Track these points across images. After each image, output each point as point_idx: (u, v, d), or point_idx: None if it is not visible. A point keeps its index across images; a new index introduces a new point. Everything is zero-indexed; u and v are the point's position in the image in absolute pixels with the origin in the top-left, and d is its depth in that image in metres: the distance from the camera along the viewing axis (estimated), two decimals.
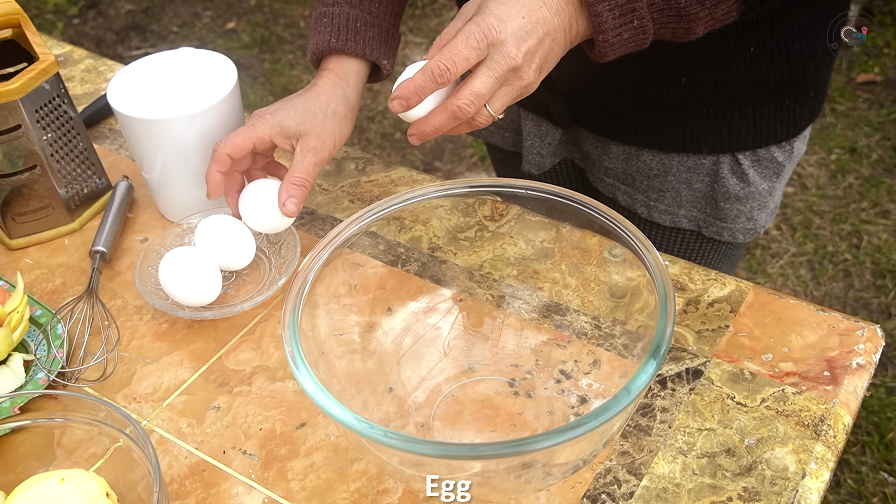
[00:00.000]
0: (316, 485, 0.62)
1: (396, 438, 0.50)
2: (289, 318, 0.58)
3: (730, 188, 0.85)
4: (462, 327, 0.71)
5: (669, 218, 0.90)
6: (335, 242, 0.63)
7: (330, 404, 0.52)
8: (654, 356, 0.52)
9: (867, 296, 1.75)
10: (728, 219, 0.88)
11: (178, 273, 0.72)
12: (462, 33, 0.62)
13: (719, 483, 0.59)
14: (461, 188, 0.67)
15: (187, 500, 0.61)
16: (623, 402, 0.49)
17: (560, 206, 0.65)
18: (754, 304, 0.71)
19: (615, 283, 0.67)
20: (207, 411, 0.67)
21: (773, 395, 0.64)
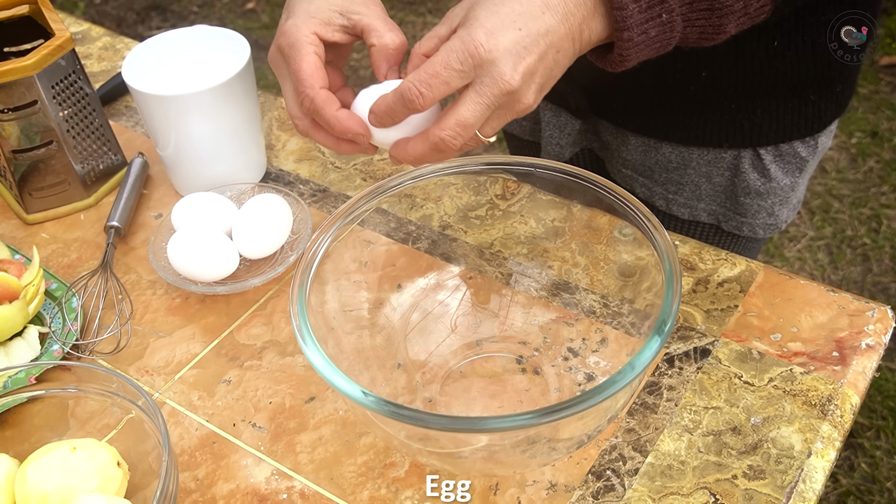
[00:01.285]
0: (324, 458, 0.62)
1: (402, 412, 0.50)
2: (297, 294, 0.58)
3: (750, 183, 0.84)
4: (470, 304, 0.71)
5: (688, 211, 0.89)
6: (345, 218, 0.64)
7: (336, 378, 0.52)
8: (659, 333, 0.52)
9: (885, 280, 1.73)
10: (748, 214, 0.87)
11: (191, 250, 0.72)
12: (443, 50, 0.52)
13: (724, 461, 0.60)
14: (473, 166, 0.67)
15: (197, 472, 0.62)
16: (627, 378, 0.50)
17: (570, 185, 0.65)
18: (764, 284, 0.71)
19: (624, 262, 0.67)
20: (218, 385, 0.68)
21: (781, 374, 0.64)
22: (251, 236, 0.74)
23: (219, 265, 0.73)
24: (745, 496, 0.57)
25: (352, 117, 0.54)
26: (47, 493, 0.55)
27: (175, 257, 0.72)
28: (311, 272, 0.61)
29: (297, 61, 0.54)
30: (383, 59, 0.57)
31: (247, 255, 0.75)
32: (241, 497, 0.60)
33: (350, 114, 0.54)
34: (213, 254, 0.72)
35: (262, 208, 0.75)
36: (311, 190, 0.85)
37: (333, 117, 0.54)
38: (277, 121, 0.94)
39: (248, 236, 0.74)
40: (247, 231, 0.74)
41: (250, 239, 0.74)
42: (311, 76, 0.54)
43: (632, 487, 0.59)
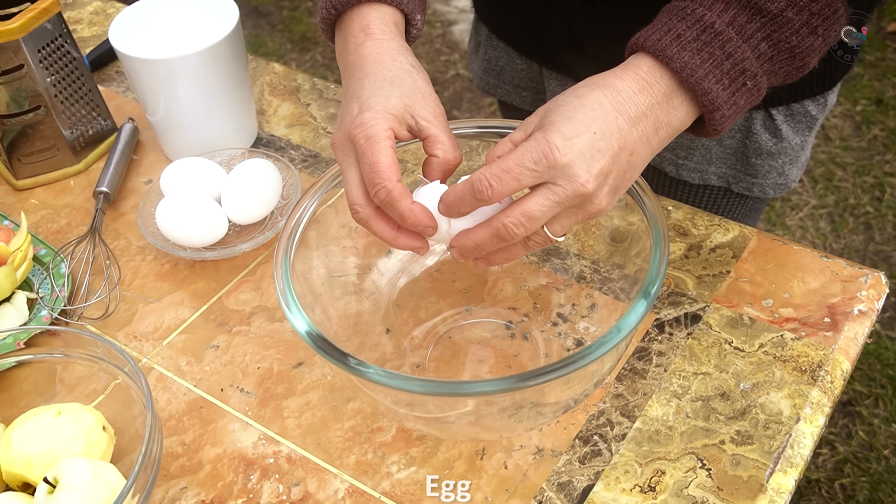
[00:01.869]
0: (311, 423, 0.62)
1: (385, 376, 0.50)
2: (281, 260, 0.58)
3: (762, 144, 0.83)
4: (460, 269, 0.71)
5: (699, 175, 0.88)
6: (330, 183, 0.63)
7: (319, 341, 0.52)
8: (645, 296, 0.52)
9: (888, 249, 1.72)
10: (759, 174, 0.86)
11: (180, 215, 0.72)
12: (519, 150, 0.51)
13: (712, 426, 0.59)
14: (465, 128, 0.66)
15: (185, 436, 0.62)
16: (612, 341, 0.49)
17: None
18: (757, 249, 0.70)
19: (616, 227, 0.66)
20: (206, 350, 0.68)
21: (772, 340, 0.64)
22: (240, 202, 0.74)
23: (207, 231, 0.72)
24: (732, 461, 0.57)
25: (424, 210, 0.55)
26: (31, 456, 0.55)
27: (164, 222, 0.72)
28: (296, 238, 0.60)
29: (376, 154, 0.54)
30: (441, 171, 0.57)
31: (236, 221, 0.75)
32: (228, 461, 0.60)
33: (423, 207, 0.55)
34: (202, 219, 0.72)
35: (252, 174, 0.75)
36: (302, 155, 0.84)
37: (409, 210, 0.54)
38: (269, 86, 0.94)
39: (237, 202, 0.74)
40: (236, 196, 0.74)
41: (239, 204, 0.74)
42: (389, 169, 0.54)
43: (619, 452, 0.58)
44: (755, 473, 0.56)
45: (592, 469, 0.58)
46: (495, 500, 0.57)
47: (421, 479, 0.58)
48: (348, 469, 0.59)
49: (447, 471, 0.59)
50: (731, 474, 0.57)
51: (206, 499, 0.59)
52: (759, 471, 0.57)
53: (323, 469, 0.59)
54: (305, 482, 0.59)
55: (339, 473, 0.59)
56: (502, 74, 0.98)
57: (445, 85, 2.33)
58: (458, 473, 0.58)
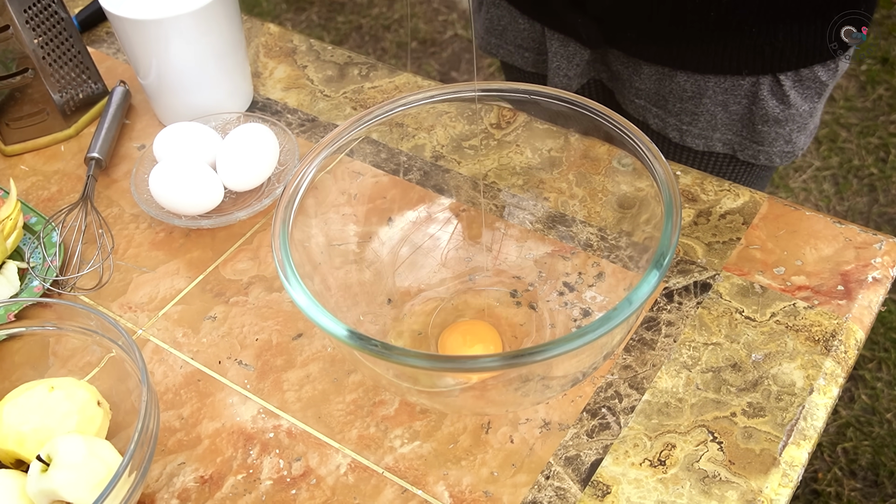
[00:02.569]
0: (311, 396, 0.61)
1: (385, 350, 0.48)
2: (279, 229, 0.56)
3: (769, 110, 0.81)
4: (462, 237, 0.69)
5: (703, 142, 0.86)
6: (330, 148, 0.61)
7: (320, 316, 0.50)
8: (657, 266, 0.50)
9: (892, 211, 1.70)
10: (765, 142, 0.84)
11: (173, 182, 0.70)
12: None
13: (723, 398, 0.58)
14: (467, 92, 0.64)
15: (182, 410, 0.61)
16: (624, 313, 0.47)
17: (568, 113, 0.62)
18: (768, 215, 0.68)
19: (623, 193, 0.64)
20: (203, 321, 0.66)
21: (784, 309, 0.62)
22: (236, 168, 0.72)
23: (202, 198, 0.70)
24: (744, 434, 0.56)
25: None
26: (24, 433, 0.53)
27: (157, 189, 0.70)
28: (295, 205, 0.58)
29: None
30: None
31: (231, 188, 0.73)
32: (227, 436, 0.59)
33: None
34: (197, 186, 0.70)
35: (248, 139, 0.72)
36: (299, 119, 0.82)
37: None
38: (264, 47, 0.91)
39: (233, 168, 0.72)
40: (231, 162, 0.72)
41: (235, 171, 0.72)
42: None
43: (627, 426, 0.57)
44: (767, 446, 0.55)
45: (601, 443, 0.56)
46: (501, 475, 0.55)
47: (425, 453, 0.57)
48: (350, 443, 0.58)
49: (451, 445, 0.57)
50: (743, 447, 0.55)
51: (205, 474, 0.57)
52: (772, 444, 0.55)
53: (324, 443, 0.58)
54: (307, 457, 0.57)
55: (341, 448, 0.58)
56: (504, 34, 0.95)
57: (444, 46, 2.30)
58: (462, 448, 0.57)
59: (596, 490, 0.54)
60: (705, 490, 0.54)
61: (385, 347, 0.48)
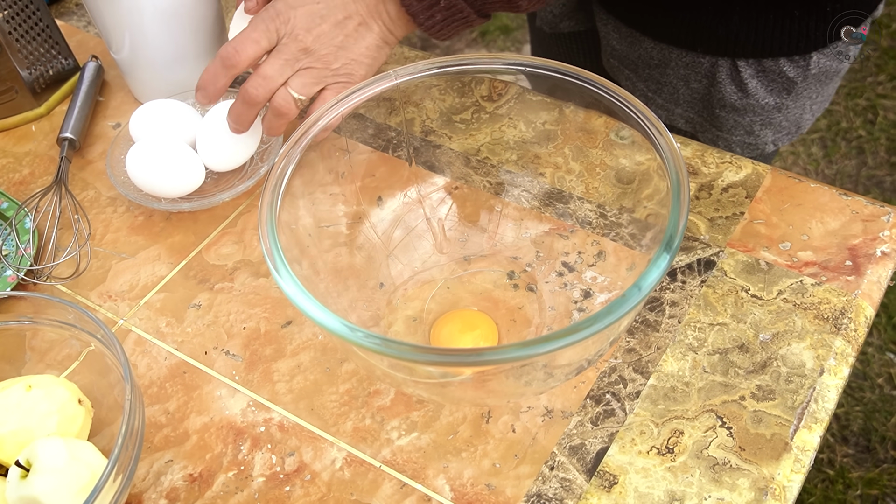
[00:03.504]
0: (303, 386, 0.58)
1: (381, 344, 0.45)
2: (266, 213, 0.53)
3: (726, 96, 0.78)
4: (456, 217, 0.66)
5: (665, 115, 0.84)
6: (317, 127, 0.58)
7: (310, 306, 0.47)
8: (667, 249, 0.47)
9: (880, 173, 1.69)
10: (724, 128, 0.81)
11: (151, 163, 0.66)
12: (254, 19, 0.62)
13: (731, 381, 0.56)
14: (455, 65, 0.61)
15: (168, 404, 0.58)
16: (633, 300, 0.45)
17: (564, 85, 0.59)
18: (772, 188, 0.66)
19: (622, 167, 0.62)
20: (187, 309, 0.63)
21: (791, 286, 0.60)
22: (217, 147, 0.68)
23: (182, 180, 0.67)
24: (754, 418, 0.54)
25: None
26: (2, 436, 0.51)
27: (134, 172, 0.66)
28: (282, 187, 0.55)
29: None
30: None
31: (213, 168, 0.69)
32: (216, 431, 0.56)
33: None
34: (176, 167, 0.67)
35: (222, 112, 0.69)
36: None
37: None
38: None
39: (214, 147, 0.68)
40: (212, 142, 0.68)
41: (216, 150, 0.68)
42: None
43: (633, 412, 0.55)
44: (778, 431, 0.53)
45: (606, 431, 0.54)
46: (504, 467, 0.53)
47: (424, 445, 0.55)
48: (345, 436, 0.55)
49: (451, 436, 0.55)
50: (754, 433, 0.53)
51: (194, 472, 0.55)
52: (783, 428, 0.53)
53: (318, 437, 0.56)
54: (300, 451, 0.55)
55: (336, 441, 0.55)
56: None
57: None
58: (462, 438, 0.55)
59: (602, 480, 0.52)
60: (715, 478, 0.52)
61: (386, 343, 0.45)
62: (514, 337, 0.59)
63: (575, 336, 0.44)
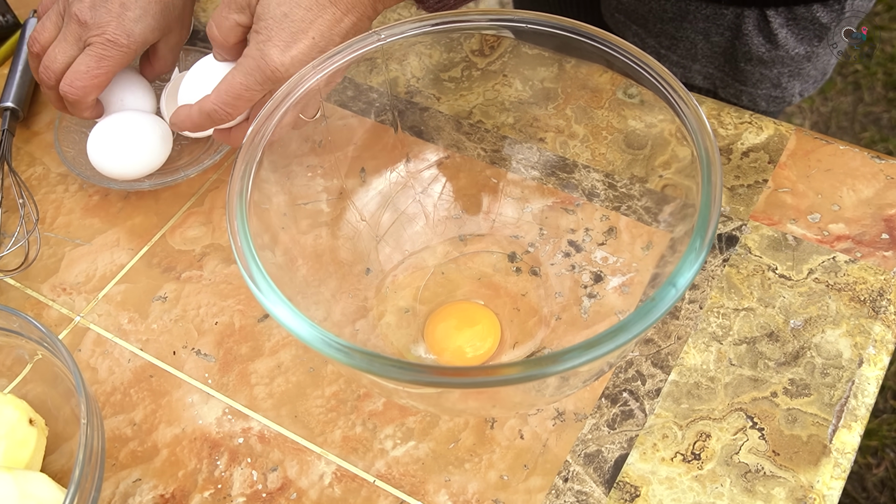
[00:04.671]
0: (285, 390, 0.52)
1: (365, 360, 0.39)
2: (235, 204, 0.46)
3: (752, 48, 0.71)
4: (449, 190, 0.59)
5: (681, 72, 0.77)
6: (290, 98, 0.51)
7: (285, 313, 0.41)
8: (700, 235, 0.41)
9: (877, 110, 1.63)
10: (748, 82, 0.74)
11: (112, 138, 0.59)
12: (241, 70, 0.52)
13: (761, 375, 0.50)
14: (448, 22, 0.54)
15: (134, 414, 0.52)
16: (667, 302, 0.39)
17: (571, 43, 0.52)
18: (797, 151, 0.60)
19: (632, 130, 0.55)
20: (152, 303, 0.57)
21: (823, 264, 0.54)
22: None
23: (153, 154, 0.59)
24: (788, 418, 0.49)
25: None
26: None
27: (96, 152, 0.59)
28: (252, 172, 0.48)
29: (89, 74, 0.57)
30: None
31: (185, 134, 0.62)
32: (189, 443, 0.50)
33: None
34: (146, 141, 0.59)
35: (197, 75, 0.61)
36: None
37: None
38: None
39: None
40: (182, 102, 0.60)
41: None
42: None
43: (654, 412, 0.49)
44: (816, 432, 0.48)
45: (624, 435, 0.49)
46: (512, 480, 0.48)
47: (422, 455, 0.49)
48: (334, 447, 0.50)
49: (452, 445, 0.49)
50: (788, 434, 0.48)
51: (166, 492, 0.49)
52: (820, 428, 0.48)
53: (303, 449, 0.50)
54: (284, 466, 0.49)
55: (324, 453, 0.50)
56: None
57: None
58: (465, 447, 0.49)
59: (623, 493, 0.47)
60: (748, 488, 0.46)
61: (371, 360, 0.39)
62: (518, 330, 0.53)
63: (599, 349, 0.38)
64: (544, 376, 0.38)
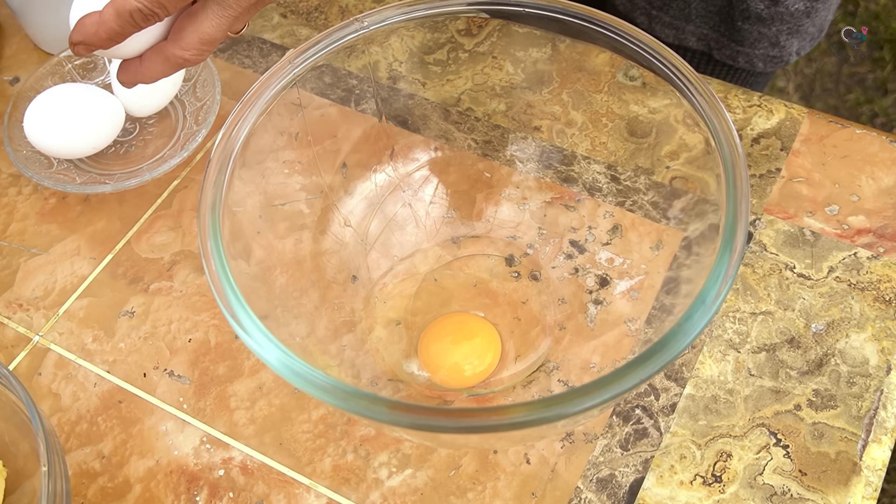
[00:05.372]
0: (268, 414, 0.48)
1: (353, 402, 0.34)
2: (207, 220, 0.41)
3: (751, 6, 0.66)
4: (441, 190, 0.55)
5: (673, 34, 0.72)
6: (270, 92, 0.46)
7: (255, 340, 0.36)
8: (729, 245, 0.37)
9: (862, 70, 1.59)
10: (745, 42, 0.70)
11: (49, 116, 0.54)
12: None
13: (783, 386, 0.47)
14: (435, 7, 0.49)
15: (102, 445, 0.47)
16: (699, 323, 0.35)
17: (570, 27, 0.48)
18: (811, 136, 0.56)
19: (634, 116, 0.51)
20: (118, 318, 0.52)
21: (844, 261, 0.51)
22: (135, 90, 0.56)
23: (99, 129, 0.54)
24: (814, 433, 0.45)
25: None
26: None
27: (34, 130, 0.53)
28: (226, 179, 0.44)
29: None
30: None
31: (134, 113, 0.57)
32: (164, 477, 0.46)
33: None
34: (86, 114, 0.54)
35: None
36: None
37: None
38: None
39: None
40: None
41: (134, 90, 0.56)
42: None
43: (669, 430, 0.46)
44: (844, 448, 0.45)
45: (639, 456, 0.45)
46: None
47: (420, 485, 0.45)
48: (324, 478, 0.46)
49: (453, 472, 0.45)
50: (815, 451, 0.45)
51: None
52: (849, 444, 0.45)
53: (290, 480, 0.46)
54: (269, 500, 0.45)
55: (313, 485, 0.45)
56: None
57: None
58: (467, 475, 0.45)
59: None
60: None
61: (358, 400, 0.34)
62: (520, 341, 0.49)
63: (621, 384, 0.34)
64: (558, 419, 0.34)
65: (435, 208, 0.54)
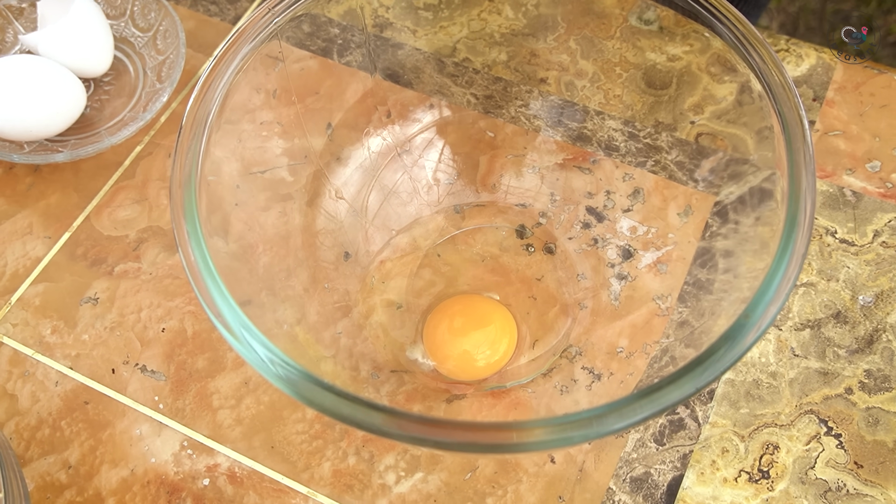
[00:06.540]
0: (256, 413, 0.42)
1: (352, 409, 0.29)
2: (181, 190, 0.35)
3: None
4: (439, 151, 0.49)
5: None
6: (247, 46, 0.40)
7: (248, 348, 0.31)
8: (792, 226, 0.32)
9: (846, 7, 1.54)
10: None
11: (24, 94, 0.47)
12: None
13: (831, 366, 0.42)
14: None
15: (68, 453, 0.42)
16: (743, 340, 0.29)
17: None
18: (845, 85, 0.51)
19: (652, 64, 0.46)
20: (80, 306, 0.46)
21: (890, 224, 0.46)
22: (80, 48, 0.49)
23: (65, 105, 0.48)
24: (868, 419, 0.41)
25: None
26: None
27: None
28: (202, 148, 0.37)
29: None
30: None
31: (84, 74, 0.50)
32: (141, 489, 0.41)
33: None
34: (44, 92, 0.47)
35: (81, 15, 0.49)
36: None
37: None
38: None
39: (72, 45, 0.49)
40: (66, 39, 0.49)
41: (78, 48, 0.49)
42: None
43: (709, 421, 0.41)
44: None
45: (676, 451, 0.40)
46: None
47: (433, 490, 0.40)
48: (323, 485, 0.40)
49: (468, 475, 0.40)
50: (871, 440, 0.40)
51: None
52: None
53: (285, 489, 0.40)
54: None
55: (312, 493, 0.40)
56: None
57: None
58: (484, 477, 0.40)
59: None
60: None
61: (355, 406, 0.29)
62: (537, 323, 0.44)
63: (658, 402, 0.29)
64: (586, 440, 0.29)
65: (434, 172, 0.48)
